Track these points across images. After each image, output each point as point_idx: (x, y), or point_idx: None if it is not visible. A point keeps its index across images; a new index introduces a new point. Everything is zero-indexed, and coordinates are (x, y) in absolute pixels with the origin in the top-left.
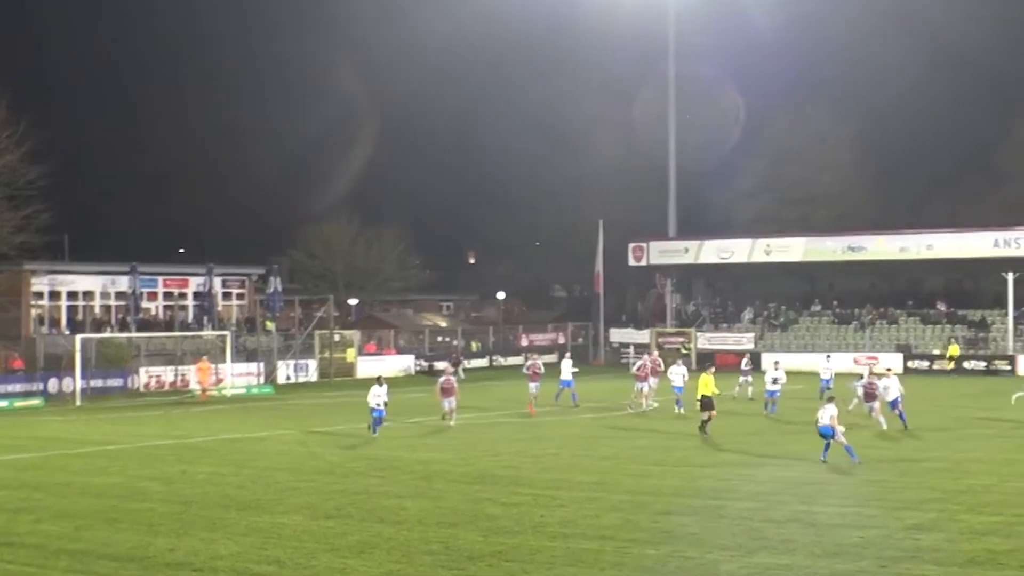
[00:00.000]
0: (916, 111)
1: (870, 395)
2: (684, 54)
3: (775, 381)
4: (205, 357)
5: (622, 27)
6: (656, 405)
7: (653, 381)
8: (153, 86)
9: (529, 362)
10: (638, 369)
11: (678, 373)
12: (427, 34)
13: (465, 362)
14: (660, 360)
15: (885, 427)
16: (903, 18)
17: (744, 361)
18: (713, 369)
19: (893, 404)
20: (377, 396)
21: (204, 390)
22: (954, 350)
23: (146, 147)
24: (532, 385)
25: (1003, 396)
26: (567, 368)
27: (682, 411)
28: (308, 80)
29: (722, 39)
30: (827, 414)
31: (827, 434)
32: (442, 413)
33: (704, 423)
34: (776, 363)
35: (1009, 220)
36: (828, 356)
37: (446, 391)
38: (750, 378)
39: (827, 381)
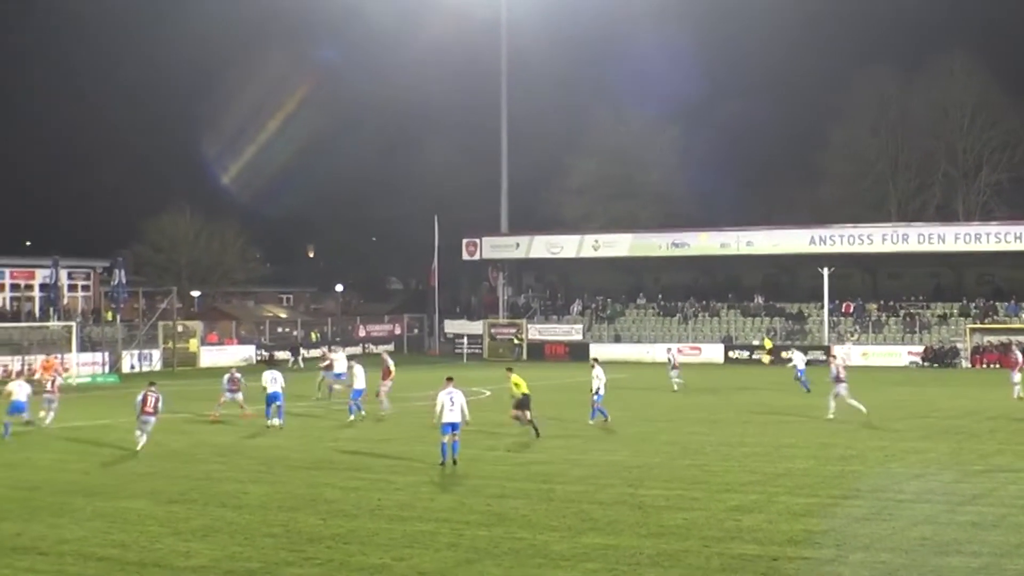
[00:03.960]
0: (735, 115)
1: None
2: (516, 54)
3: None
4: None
5: (455, 27)
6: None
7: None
8: None
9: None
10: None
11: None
12: (255, 37)
13: (304, 352)
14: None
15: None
16: (722, 23)
17: (671, 356)
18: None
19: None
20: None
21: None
22: (768, 343)
23: None
24: (232, 395)
25: (817, 385)
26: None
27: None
28: (147, 77)
29: (553, 41)
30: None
31: None
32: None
33: (530, 421)
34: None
35: (825, 219)
36: (595, 362)
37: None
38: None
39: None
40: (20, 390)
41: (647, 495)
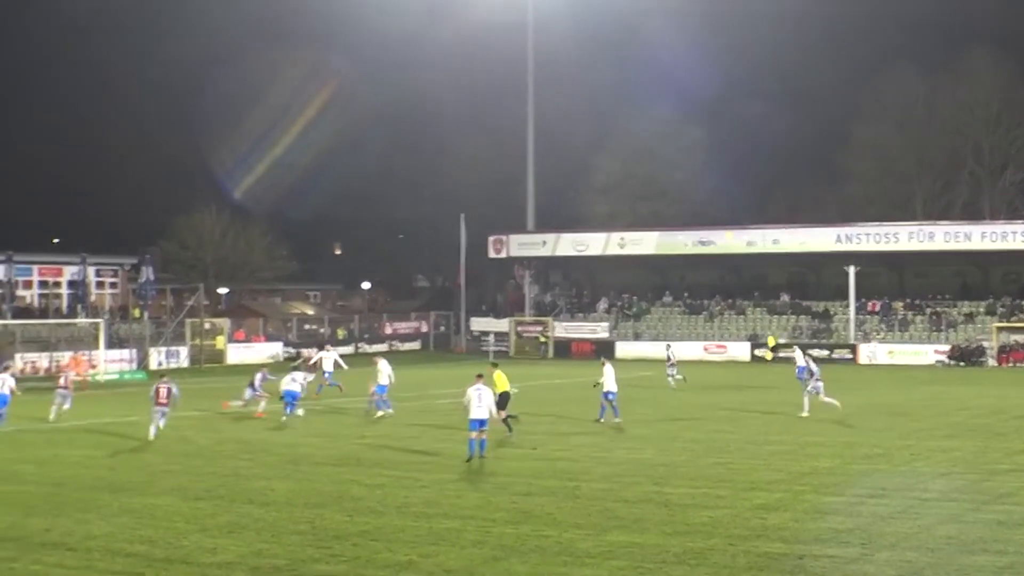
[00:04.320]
0: (760, 114)
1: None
2: (542, 54)
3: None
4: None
5: (482, 25)
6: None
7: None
8: (27, 77)
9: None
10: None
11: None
12: (281, 37)
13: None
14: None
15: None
16: (745, 24)
17: (670, 353)
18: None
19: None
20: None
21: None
22: (772, 340)
23: (20, 138)
24: (254, 393)
25: (843, 384)
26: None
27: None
28: (175, 76)
29: (578, 41)
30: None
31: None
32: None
33: (507, 420)
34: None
35: (850, 217)
36: (604, 361)
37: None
38: (675, 370)
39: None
40: (2, 384)
41: (673, 493)
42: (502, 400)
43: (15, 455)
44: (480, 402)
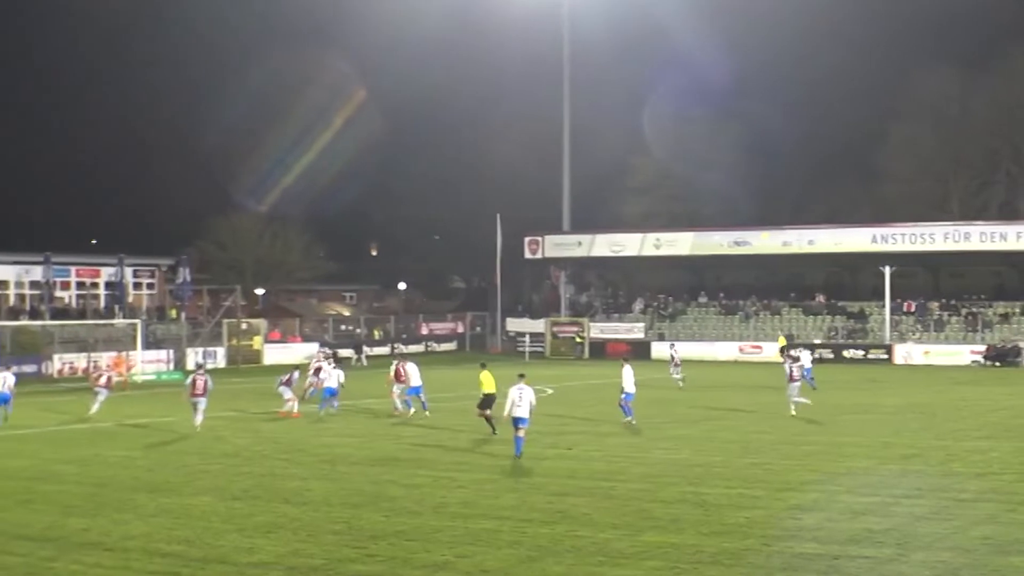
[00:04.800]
0: (796, 114)
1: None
2: (578, 54)
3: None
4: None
5: (518, 25)
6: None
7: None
8: (63, 77)
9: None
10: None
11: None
12: (317, 38)
13: (368, 349)
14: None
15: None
16: (782, 25)
17: (673, 352)
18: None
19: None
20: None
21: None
22: (782, 340)
23: (58, 140)
24: (286, 388)
25: (879, 384)
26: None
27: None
28: (212, 77)
29: (614, 40)
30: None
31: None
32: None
33: (489, 420)
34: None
35: (886, 217)
36: (624, 362)
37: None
38: (679, 370)
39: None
40: (3, 383)
41: (708, 494)
42: (486, 401)
43: (56, 455)
44: (521, 401)
